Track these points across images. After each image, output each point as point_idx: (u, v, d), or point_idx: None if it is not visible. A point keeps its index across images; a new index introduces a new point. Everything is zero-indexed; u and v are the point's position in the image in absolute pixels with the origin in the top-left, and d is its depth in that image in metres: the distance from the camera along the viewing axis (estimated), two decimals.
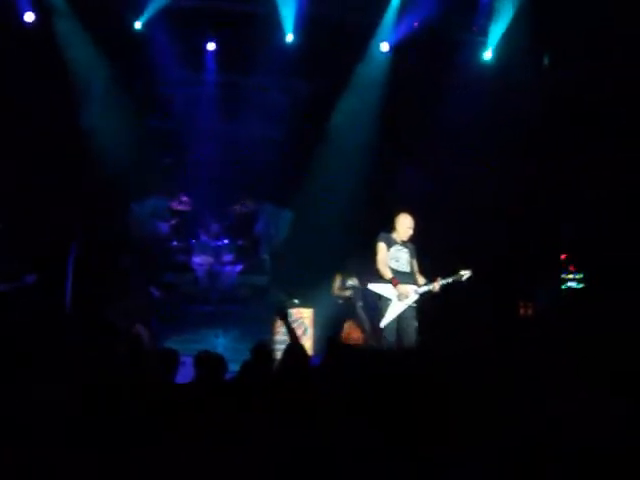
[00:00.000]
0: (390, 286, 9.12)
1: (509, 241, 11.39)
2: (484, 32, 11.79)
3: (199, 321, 11.58)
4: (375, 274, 9.30)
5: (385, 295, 9.16)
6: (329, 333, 10.06)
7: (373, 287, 9.33)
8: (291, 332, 6.98)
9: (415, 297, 9.12)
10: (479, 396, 4.44)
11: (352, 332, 11.21)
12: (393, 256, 9.31)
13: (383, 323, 9.13)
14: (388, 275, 9.15)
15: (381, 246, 9.29)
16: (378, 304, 9.28)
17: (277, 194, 12.82)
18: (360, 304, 11.23)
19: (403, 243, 9.35)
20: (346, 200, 11.90)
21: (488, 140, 11.55)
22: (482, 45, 11.93)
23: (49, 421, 4.17)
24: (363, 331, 11.13)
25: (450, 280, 9.16)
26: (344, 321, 11.31)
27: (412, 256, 9.42)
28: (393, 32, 11.84)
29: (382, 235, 9.38)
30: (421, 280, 9.34)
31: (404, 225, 9.35)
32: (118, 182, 11.43)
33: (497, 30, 11.68)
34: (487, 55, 11.94)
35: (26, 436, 3.90)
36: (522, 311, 11.01)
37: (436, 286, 9.15)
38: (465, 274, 9.19)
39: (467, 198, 11.63)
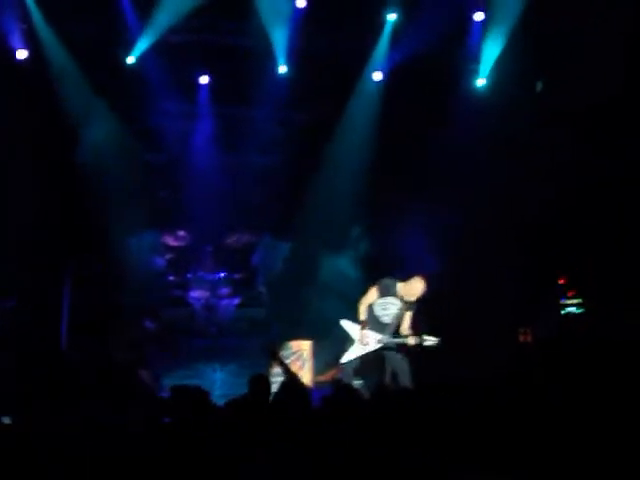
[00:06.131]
0: (358, 328, 9.02)
1: (507, 267, 11.28)
2: (476, 59, 11.82)
3: (197, 356, 11.47)
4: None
5: (351, 335, 9.09)
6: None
7: (344, 323, 9.20)
8: (285, 369, 6.85)
9: (376, 346, 8.93)
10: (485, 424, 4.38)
11: None
12: (382, 304, 9.07)
13: (343, 360, 9.06)
14: (362, 316, 9.01)
15: (372, 291, 9.07)
16: (345, 341, 9.16)
17: (274, 226, 12.76)
18: None
19: (403, 301, 9.02)
20: (344, 229, 11.83)
21: (483, 165, 11.51)
22: (475, 72, 11.95)
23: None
24: None
25: (413, 342, 8.82)
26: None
27: (406, 312, 9.09)
28: (386, 61, 11.87)
29: (383, 281, 9.10)
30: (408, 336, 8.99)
31: (414, 289, 8.94)
32: (113, 216, 11.38)
33: (489, 57, 11.72)
34: (480, 82, 11.96)
35: None
36: (522, 338, 10.92)
37: (408, 341, 8.86)
38: (428, 340, 8.80)
39: (463, 222, 11.53)
